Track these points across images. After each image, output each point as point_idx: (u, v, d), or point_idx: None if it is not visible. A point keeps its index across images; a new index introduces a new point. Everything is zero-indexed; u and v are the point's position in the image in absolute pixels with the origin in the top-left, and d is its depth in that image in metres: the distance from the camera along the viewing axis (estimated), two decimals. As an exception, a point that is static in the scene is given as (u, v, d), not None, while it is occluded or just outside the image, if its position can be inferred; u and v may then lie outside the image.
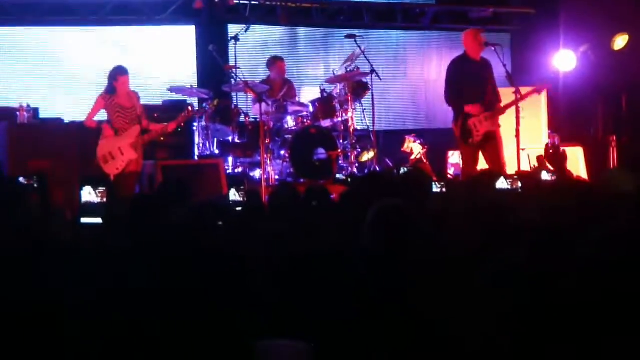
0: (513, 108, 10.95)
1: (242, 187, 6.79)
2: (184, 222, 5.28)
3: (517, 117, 10.89)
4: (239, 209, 6.56)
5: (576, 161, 11.64)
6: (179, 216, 5.36)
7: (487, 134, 10.80)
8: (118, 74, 10.78)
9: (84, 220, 5.84)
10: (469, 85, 10.83)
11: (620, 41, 13.30)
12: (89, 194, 6.16)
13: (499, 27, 15.11)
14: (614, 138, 12.72)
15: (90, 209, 5.99)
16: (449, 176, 11.83)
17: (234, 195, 6.59)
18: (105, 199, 6.18)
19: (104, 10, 13.08)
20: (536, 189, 6.91)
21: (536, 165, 10.35)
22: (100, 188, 6.12)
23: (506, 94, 11.11)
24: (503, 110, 10.93)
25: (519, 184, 6.61)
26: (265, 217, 6.26)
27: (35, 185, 7.25)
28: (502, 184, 6.64)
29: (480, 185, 6.75)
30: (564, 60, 14.00)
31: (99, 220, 5.75)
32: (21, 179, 7.34)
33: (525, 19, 15.15)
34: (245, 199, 6.65)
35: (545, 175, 7.63)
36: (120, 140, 10.61)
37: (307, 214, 6.25)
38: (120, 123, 10.67)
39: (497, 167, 10.41)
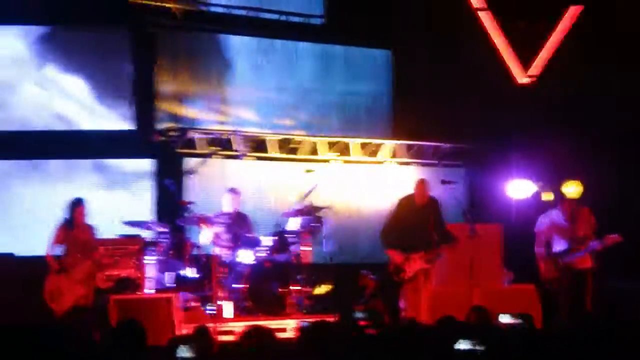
0: (469, 244, 11.13)
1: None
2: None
3: (470, 255, 11.00)
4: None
5: (529, 300, 11.64)
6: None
7: (417, 272, 11.06)
8: (75, 205, 10.79)
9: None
10: (408, 227, 11.17)
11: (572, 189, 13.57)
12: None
13: (455, 163, 15.34)
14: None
15: None
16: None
17: (183, 352, 6.44)
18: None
19: (60, 142, 13.13)
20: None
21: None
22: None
23: (462, 229, 11.27)
24: (437, 254, 11.16)
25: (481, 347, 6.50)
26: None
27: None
28: (463, 344, 6.53)
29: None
30: (518, 189, 14.23)
31: None
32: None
33: (479, 153, 15.39)
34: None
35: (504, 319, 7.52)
36: (69, 276, 10.51)
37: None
38: (73, 257, 10.59)
39: (414, 307, 10.88)
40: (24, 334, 7.08)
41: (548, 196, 13.83)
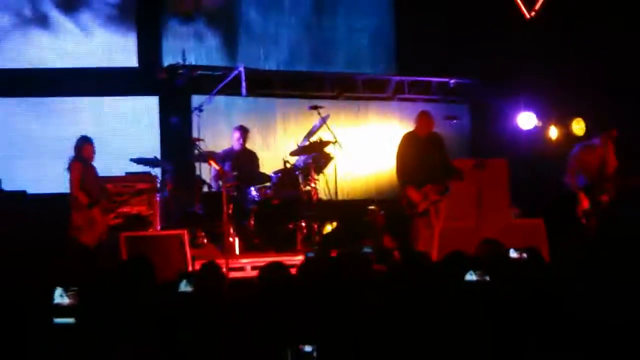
0: (475, 179, 11.19)
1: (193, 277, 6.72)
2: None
3: (478, 190, 11.07)
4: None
5: (537, 234, 11.72)
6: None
7: (429, 207, 11.13)
8: (83, 143, 10.86)
9: (57, 320, 5.87)
10: (416, 162, 11.12)
11: (577, 126, 13.65)
12: (60, 296, 6.14)
13: (459, 98, 15.35)
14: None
15: (63, 310, 6.00)
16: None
17: (184, 286, 6.52)
18: (76, 300, 6.16)
19: (66, 80, 13.14)
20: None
21: None
22: (71, 289, 6.12)
23: (468, 164, 11.34)
24: (445, 186, 11.19)
25: (486, 277, 6.59)
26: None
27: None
28: (470, 275, 6.62)
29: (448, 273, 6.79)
30: (526, 120, 14.25)
31: (71, 320, 5.81)
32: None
33: (483, 88, 15.38)
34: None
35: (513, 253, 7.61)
36: (94, 210, 10.66)
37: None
38: (94, 191, 10.75)
39: (427, 242, 10.89)
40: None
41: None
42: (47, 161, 12.58)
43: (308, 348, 5.41)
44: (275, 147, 14.12)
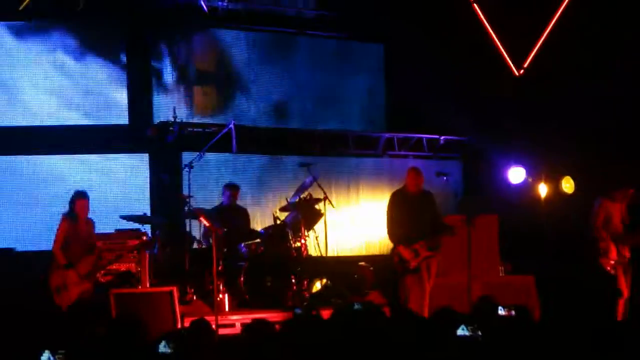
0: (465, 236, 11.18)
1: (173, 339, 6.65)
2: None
3: (468, 246, 11.06)
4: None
5: (527, 291, 11.72)
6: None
7: (420, 263, 11.07)
8: (77, 198, 10.82)
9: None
10: (406, 219, 11.10)
11: (566, 185, 13.73)
12: (48, 360, 6.08)
13: (450, 154, 15.42)
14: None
15: None
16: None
17: (163, 347, 6.44)
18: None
19: (56, 137, 13.18)
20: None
21: None
22: (59, 352, 6.04)
23: (459, 221, 11.32)
24: (436, 242, 11.17)
25: (479, 333, 6.54)
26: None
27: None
28: (462, 330, 6.57)
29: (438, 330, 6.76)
30: (515, 175, 14.30)
31: None
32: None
33: (474, 145, 15.46)
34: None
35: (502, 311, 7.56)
36: (74, 270, 10.55)
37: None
38: (76, 251, 10.64)
39: (419, 299, 10.84)
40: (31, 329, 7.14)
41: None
42: (35, 218, 12.56)
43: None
44: (266, 204, 14.13)
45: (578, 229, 12.05)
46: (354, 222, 14.94)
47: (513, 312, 7.55)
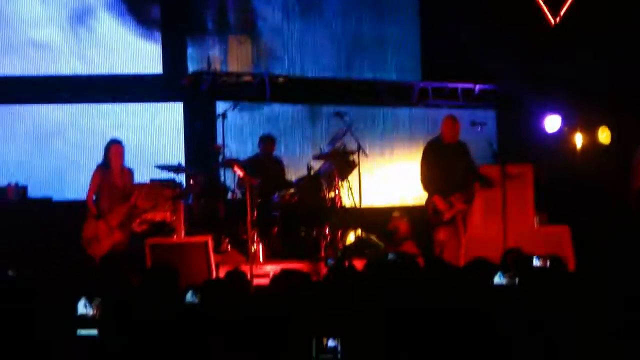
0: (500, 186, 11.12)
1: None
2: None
3: (503, 197, 11.02)
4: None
5: (561, 241, 11.65)
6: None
7: (455, 215, 10.96)
8: (110, 145, 10.86)
9: (80, 332, 5.86)
10: (441, 170, 11.02)
11: (602, 135, 13.54)
12: (84, 307, 6.13)
13: (485, 104, 15.27)
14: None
15: (86, 322, 6.00)
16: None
17: (190, 297, 6.47)
18: (100, 311, 6.14)
19: (92, 87, 13.20)
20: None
21: None
22: (95, 300, 6.11)
23: (494, 171, 11.27)
24: (471, 194, 11.11)
25: (516, 280, 6.52)
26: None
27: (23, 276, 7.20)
28: (498, 278, 6.56)
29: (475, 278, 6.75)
30: (551, 123, 14.16)
31: (94, 332, 5.80)
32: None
33: (509, 94, 15.30)
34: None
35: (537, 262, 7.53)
36: (105, 221, 10.60)
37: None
38: (107, 201, 10.68)
39: (453, 250, 10.74)
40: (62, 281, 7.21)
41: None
42: (71, 168, 12.64)
43: (332, 342, 5.38)
44: (300, 154, 14.11)
45: (615, 180, 11.93)
46: (388, 172, 14.90)
47: (548, 263, 7.52)
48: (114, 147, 10.85)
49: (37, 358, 4.89)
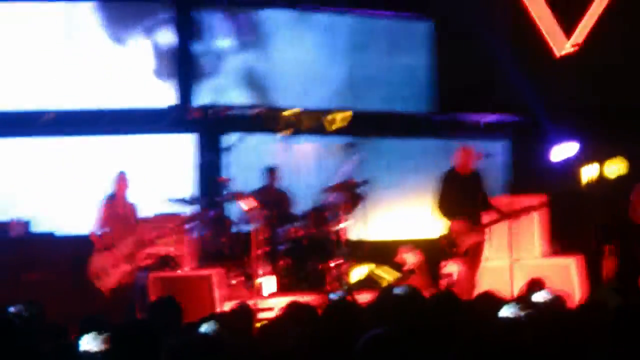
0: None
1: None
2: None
3: (511, 228, 10.95)
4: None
5: (569, 272, 11.53)
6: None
7: (471, 246, 10.81)
8: (118, 175, 10.85)
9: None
10: (457, 200, 10.87)
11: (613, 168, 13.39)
12: (89, 343, 6.05)
13: (496, 136, 15.19)
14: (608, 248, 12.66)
15: (91, 357, 5.91)
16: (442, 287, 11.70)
17: (206, 328, 6.37)
18: (108, 345, 6.04)
19: (102, 120, 13.18)
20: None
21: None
22: (103, 334, 6.01)
23: (507, 202, 11.21)
24: (488, 225, 11.00)
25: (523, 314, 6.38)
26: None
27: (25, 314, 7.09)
28: (506, 311, 6.43)
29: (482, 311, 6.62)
30: (562, 152, 14.05)
31: None
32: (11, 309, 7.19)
33: (523, 125, 15.23)
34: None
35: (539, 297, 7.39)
36: (114, 253, 10.55)
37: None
38: (116, 233, 10.64)
39: (467, 282, 10.61)
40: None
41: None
42: (78, 202, 12.59)
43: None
44: (307, 186, 14.01)
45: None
46: (396, 205, 14.79)
47: (549, 298, 7.39)
48: (121, 180, 10.84)
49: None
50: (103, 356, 6.05)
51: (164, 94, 13.86)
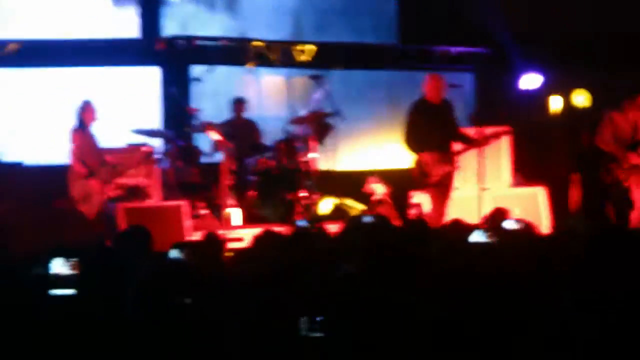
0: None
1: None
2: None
3: (479, 158, 10.98)
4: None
5: (537, 202, 11.65)
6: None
7: (443, 177, 10.82)
8: (84, 105, 10.78)
9: (54, 291, 5.77)
10: (427, 129, 10.78)
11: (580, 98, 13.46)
12: (60, 266, 6.05)
13: (463, 67, 15.20)
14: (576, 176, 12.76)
15: (61, 281, 5.92)
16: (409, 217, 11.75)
17: (175, 253, 6.38)
18: (77, 270, 6.06)
19: (66, 51, 13.03)
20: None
21: None
22: (72, 259, 6.02)
23: (474, 133, 11.21)
24: (458, 154, 10.98)
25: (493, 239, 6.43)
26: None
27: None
28: (476, 236, 6.47)
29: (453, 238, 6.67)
30: (528, 82, 14.08)
31: (70, 291, 5.71)
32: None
33: (488, 56, 15.25)
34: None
35: (508, 224, 7.45)
36: (95, 179, 10.57)
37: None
38: (93, 161, 10.63)
39: (436, 212, 10.58)
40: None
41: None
42: (45, 132, 12.51)
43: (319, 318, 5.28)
44: (276, 117, 13.99)
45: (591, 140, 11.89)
46: (364, 135, 14.82)
47: (518, 226, 7.45)
48: (89, 107, 10.76)
49: (9, 317, 4.80)
50: (74, 280, 6.07)
51: (128, 25, 13.72)
